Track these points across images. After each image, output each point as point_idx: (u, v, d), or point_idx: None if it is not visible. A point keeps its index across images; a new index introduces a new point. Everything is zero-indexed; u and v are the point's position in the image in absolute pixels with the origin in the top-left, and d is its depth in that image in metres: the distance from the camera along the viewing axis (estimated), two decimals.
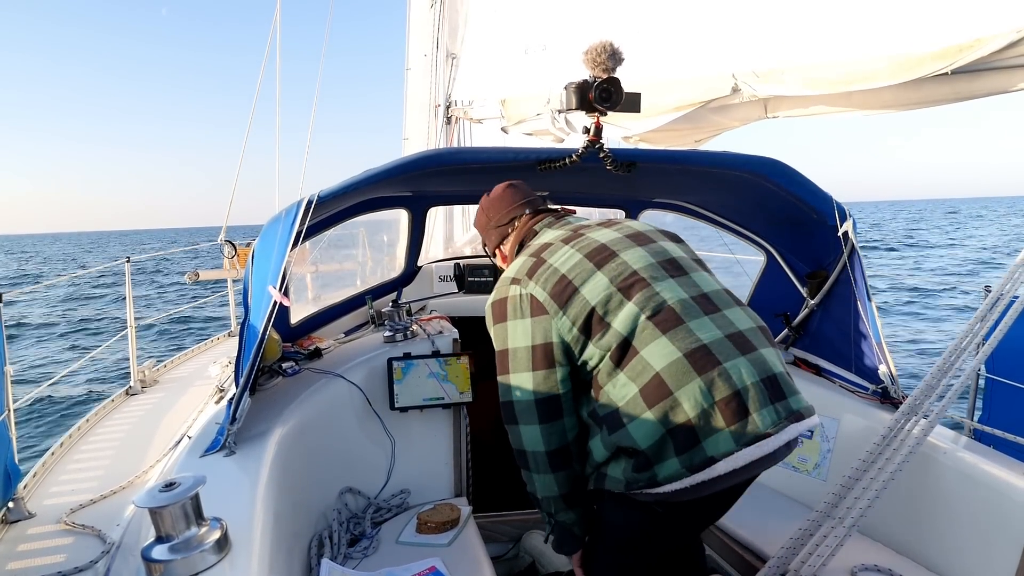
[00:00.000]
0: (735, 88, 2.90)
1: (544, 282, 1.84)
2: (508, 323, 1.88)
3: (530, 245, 2.02)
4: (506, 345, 1.88)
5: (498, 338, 1.91)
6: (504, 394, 1.89)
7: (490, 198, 2.20)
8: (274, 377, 2.63)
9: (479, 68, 5.51)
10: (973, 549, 2.10)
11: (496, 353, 1.91)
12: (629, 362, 1.70)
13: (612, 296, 1.76)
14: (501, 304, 1.90)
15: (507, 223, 2.14)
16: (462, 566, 2.27)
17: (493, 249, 2.23)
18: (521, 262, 1.94)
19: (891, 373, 2.55)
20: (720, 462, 1.58)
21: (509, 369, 1.87)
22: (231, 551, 1.42)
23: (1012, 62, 2.05)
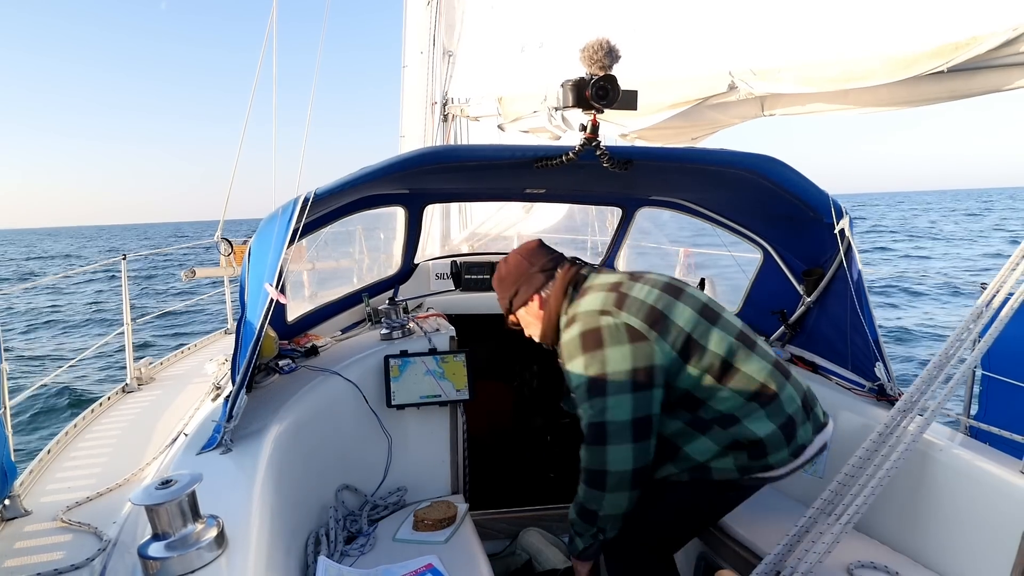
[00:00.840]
0: (731, 86, 2.90)
1: (636, 312, 2.05)
2: (606, 350, 2.01)
3: (591, 286, 2.21)
4: (603, 371, 1.99)
5: (590, 366, 2.01)
6: (595, 416, 1.99)
7: (527, 249, 2.38)
8: (271, 375, 2.63)
9: (476, 66, 5.51)
10: (969, 546, 2.11)
11: (585, 380, 2.02)
12: (732, 377, 2.03)
13: (699, 323, 2.07)
14: (594, 334, 2.04)
15: (552, 268, 2.31)
16: (459, 563, 2.27)
17: (531, 295, 2.32)
18: (600, 297, 2.12)
19: (887, 370, 2.55)
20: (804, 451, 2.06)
21: (606, 392, 1.98)
22: (228, 548, 1.42)
23: (1008, 60, 2.05)
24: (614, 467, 1.98)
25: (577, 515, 2.12)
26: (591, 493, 2.04)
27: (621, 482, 1.99)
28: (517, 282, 2.33)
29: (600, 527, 2.09)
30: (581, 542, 2.15)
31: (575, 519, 2.13)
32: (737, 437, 2.01)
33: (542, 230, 6.21)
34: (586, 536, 2.13)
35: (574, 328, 2.10)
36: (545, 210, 6.00)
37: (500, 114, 4.65)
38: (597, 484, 2.02)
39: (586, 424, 2.02)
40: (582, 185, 3.54)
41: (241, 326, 2.19)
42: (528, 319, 2.36)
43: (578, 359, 2.05)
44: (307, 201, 2.15)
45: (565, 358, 2.11)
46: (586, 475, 2.04)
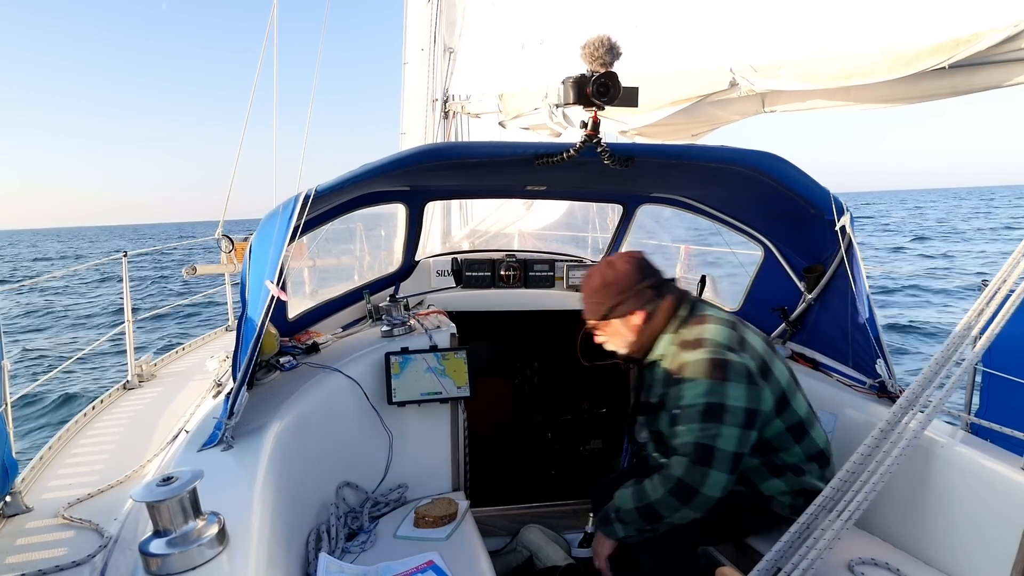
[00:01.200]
0: (732, 82, 2.89)
1: (753, 357, 2.19)
2: (729, 384, 2.11)
3: (709, 316, 2.29)
4: (723, 401, 2.10)
5: (712, 393, 2.10)
6: (706, 439, 2.08)
7: (637, 260, 2.38)
8: (272, 371, 2.63)
9: (476, 63, 5.50)
10: (970, 543, 2.11)
11: (703, 404, 2.10)
12: (803, 439, 2.28)
13: (790, 383, 2.28)
14: (722, 365, 2.13)
15: (660, 285, 2.35)
16: (460, 560, 2.27)
17: (635, 308, 2.32)
18: (725, 332, 2.22)
19: (888, 367, 2.55)
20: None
21: (722, 421, 2.08)
22: (229, 545, 1.42)
23: (1009, 56, 2.04)
24: (708, 491, 2.07)
25: (636, 509, 2.16)
26: (670, 501, 2.10)
27: (705, 504, 2.08)
28: (624, 292, 2.32)
29: (654, 528, 2.16)
30: (623, 530, 2.21)
31: (630, 511, 2.18)
32: (804, 486, 2.26)
33: (543, 227, 6.21)
34: (631, 528, 2.20)
35: (701, 352, 2.17)
36: (546, 207, 6.00)
37: (501, 111, 4.64)
38: (683, 498, 2.08)
39: (691, 442, 2.09)
40: (583, 182, 3.54)
41: (242, 323, 2.19)
42: (622, 331, 2.36)
43: (701, 382, 2.12)
44: (308, 198, 2.14)
45: (685, 375, 2.17)
46: (675, 485, 2.09)
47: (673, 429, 2.18)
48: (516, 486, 3.69)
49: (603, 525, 2.29)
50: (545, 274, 4.24)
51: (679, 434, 2.14)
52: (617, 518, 2.23)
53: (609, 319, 2.36)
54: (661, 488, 2.12)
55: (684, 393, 2.15)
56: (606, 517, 2.27)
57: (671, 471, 2.11)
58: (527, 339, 4.75)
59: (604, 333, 2.41)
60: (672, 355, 2.26)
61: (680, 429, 2.14)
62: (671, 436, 2.19)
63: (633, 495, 2.20)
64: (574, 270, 4.23)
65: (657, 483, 2.13)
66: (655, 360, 2.33)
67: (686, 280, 4.14)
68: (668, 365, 2.27)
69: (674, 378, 2.21)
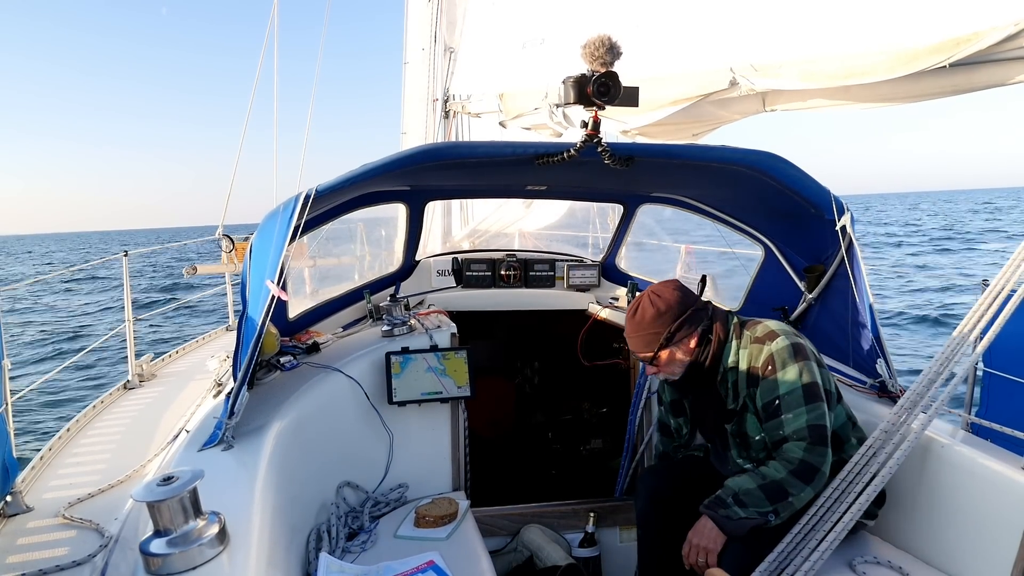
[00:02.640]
0: (733, 82, 2.89)
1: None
2: (811, 363, 2.22)
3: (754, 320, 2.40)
4: (813, 379, 2.19)
5: (804, 373, 2.19)
6: (818, 419, 2.15)
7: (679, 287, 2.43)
8: (272, 371, 2.63)
9: (477, 62, 5.50)
10: (971, 542, 2.10)
11: (801, 386, 2.18)
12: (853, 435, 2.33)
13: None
14: (800, 347, 2.24)
15: (705, 305, 2.42)
16: (460, 560, 2.27)
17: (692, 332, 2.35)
18: (782, 323, 2.36)
19: (889, 367, 2.55)
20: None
21: (820, 398, 2.18)
22: (229, 545, 1.42)
23: (1010, 55, 2.04)
24: (825, 468, 2.12)
25: (760, 487, 2.14)
26: (795, 483, 2.11)
27: (821, 482, 2.13)
28: (679, 317, 2.33)
29: (776, 510, 2.12)
30: (743, 512, 2.14)
31: (753, 491, 2.14)
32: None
33: (543, 227, 6.21)
34: (751, 510, 2.13)
35: (779, 341, 2.25)
36: (546, 207, 5.99)
37: (501, 111, 4.65)
38: (806, 477, 2.11)
39: (804, 426, 2.13)
40: (583, 182, 3.54)
41: (242, 323, 2.19)
42: (678, 356, 2.35)
43: (791, 367, 2.20)
44: (308, 198, 2.14)
45: (771, 367, 2.22)
46: (799, 466, 2.11)
47: (773, 422, 2.20)
48: (517, 486, 3.69)
49: (718, 508, 2.18)
50: (545, 274, 4.25)
51: (786, 422, 2.16)
52: (736, 501, 2.16)
53: (668, 348, 2.34)
54: (783, 470, 2.13)
55: (779, 382, 2.20)
56: (720, 502, 2.19)
57: (791, 454, 2.13)
58: (528, 339, 4.75)
59: (660, 362, 2.37)
60: (749, 354, 2.30)
61: (786, 417, 2.16)
62: (770, 431, 2.21)
63: (753, 477, 2.17)
64: (574, 270, 4.23)
65: (778, 465, 2.14)
66: (729, 368, 2.34)
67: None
68: (746, 365, 2.30)
69: (759, 374, 2.25)
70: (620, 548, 3.18)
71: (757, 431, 2.29)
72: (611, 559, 3.17)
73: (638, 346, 2.38)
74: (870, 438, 2.16)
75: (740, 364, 2.32)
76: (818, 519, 2.10)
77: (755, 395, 2.26)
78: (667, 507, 2.51)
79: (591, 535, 3.10)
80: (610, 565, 3.16)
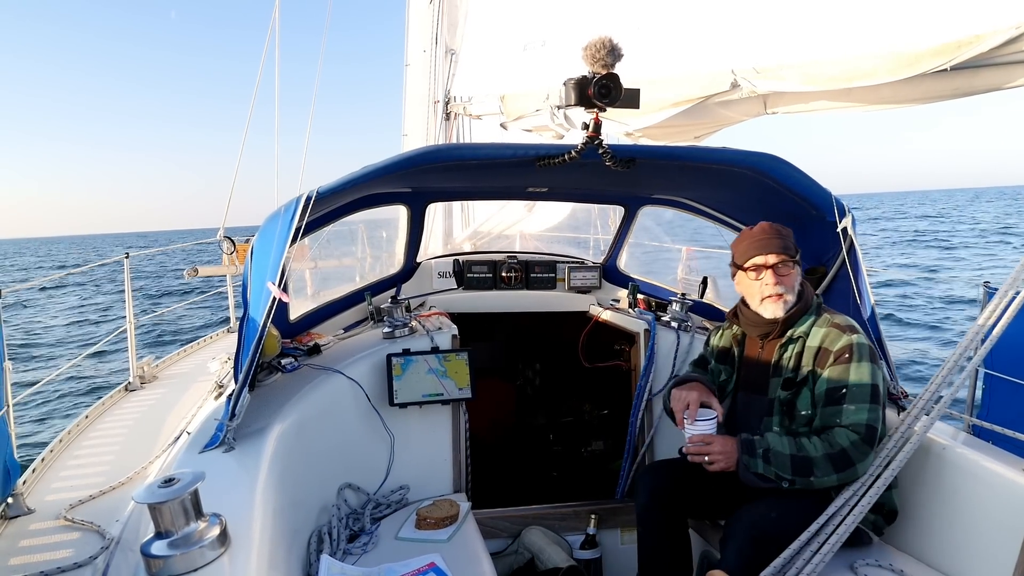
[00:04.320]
0: (734, 84, 2.89)
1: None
2: (881, 370, 2.27)
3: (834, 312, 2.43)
4: (879, 383, 2.22)
5: (875, 375, 2.22)
6: (874, 420, 2.16)
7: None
8: (273, 373, 2.63)
9: (478, 64, 5.50)
10: (972, 545, 2.10)
11: (870, 385, 2.19)
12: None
13: None
14: (871, 350, 2.28)
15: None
16: (461, 562, 2.27)
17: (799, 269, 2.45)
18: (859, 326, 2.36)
19: (890, 368, 2.55)
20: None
21: (880, 403, 2.19)
22: (230, 547, 1.42)
23: (1011, 58, 2.04)
24: (861, 468, 2.14)
25: (791, 456, 2.18)
26: (826, 465, 2.14)
27: (852, 477, 2.14)
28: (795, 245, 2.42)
29: (793, 481, 2.17)
30: (763, 468, 2.20)
31: (784, 456, 2.18)
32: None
33: (545, 229, 6.21)
34: (772, 470, 2.19)
35: (861, 336, 2.29)
36: (547, 209, 6.00)
37: (502, 112, 4.64)
38: (839, 466, 2.13)
39: (863, 423, 2.15)
40: (584, 184, 3.54)
41: (244, 325, 2.20)
42: (796, 281, 2.41)
43: (867, 364, 2.22)
44: (309, 200, 2.15)
45: (853, 357, 2.23)
46: (838, 453, 2.13)
47: (833, 408, 2.21)
48: (518, 488, 3.69)
49: (746, 453, 2.23)
50: (546, 275, 4.25)
51: (846, 412, 2.18)
52: (764, 456, 2.21)
53: (795, 259, 2.40)
54: (822, 449, 2.15)
55: (853, 373, 2.21)
56: (751, 448, 2.23)
57: (836, 439, 2.15)
58: (529, 340, 4.75)
59: (789, 274, 2.38)
60: (825, 334, 2.31)
61: (848, 408, 2.18)
62: (826, 416, 2.23)
63: (791, 443, 2.21)
64: (575, 271, 4.23)
65: (818, 444, 2.17)
66: (797, 337, 2.37)
67: (687, 281, 4.14)
68: (819, 343, 2.31)
69: (831, 357, 2.26)
70: (621, 550, 3.18)
71: (807, 406, 2.31)
72: (612, 561, 3.17)
73: (778, 246, 2.37)
74: (880, 443, 2.15)
75: (812, 339, 2.34)
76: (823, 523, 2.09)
77: (819, 375, 2.28)
78: (668, 504, 2.51)
79: (592, 537, 3.10)
80: (611, 567, 3.16)
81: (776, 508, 2.20)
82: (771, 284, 2.36)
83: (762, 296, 2.39)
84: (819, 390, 2.27)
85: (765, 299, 2.39)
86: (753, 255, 2.40)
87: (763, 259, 2.37)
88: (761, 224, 2.44)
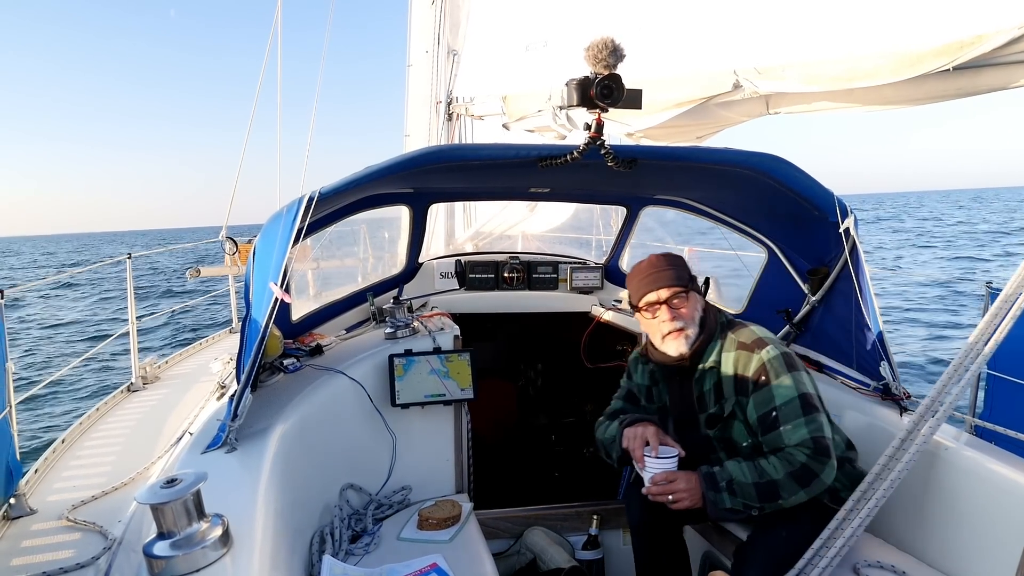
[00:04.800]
0: (736, 84, 2.89)
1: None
2: (802, 373, 2.21)
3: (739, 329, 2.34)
4: (808, 390, 2.18)
5: (799, 384, 2.18)
6: (818, 431, 2.13)
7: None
8: (275, 374, 2.63)
9: (480, 65, 5.50)
10: (976, 545, 2.10)
11: (798, 397, 2.15)
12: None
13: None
14: (789, 357, 2.23)
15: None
16: (463, 562, 2.27)
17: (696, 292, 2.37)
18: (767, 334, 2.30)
19: (892, 370, 2.55)
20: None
21: (818, 409, 2.17)
22: (232, 547, 1.42)
23: (1014, 58, 2.04)
24: (825, 478, 2.09)
25: (755, 485, 2.10)
26: (791, 484, 2.08)
27: (819, 489, 2.10)
28: (688, 271, 2.36)
29: (762, 508, 2.11)
30: (730, 502, 2.12)
31: (747, 485, 2.11)
32: (854, 477, 2.21)
33: (547, 229, 6.21)
34: (738, 501, 2.11)
35: (770, 350, 2.21)
36: (549, 209, 6.00)
37: (505, 113, 4.64)
38: (803, 481, 2.08)
39: (808, 437, 2.10)
40: (587, 184, 3.54)
41: (246, 325, 2.20)
42: (695, 310, 2.32)
43: (786, 377, 2.17)
44: (311, 200, 2.15)
45: (770, 376, 2.17)
46: (799, 469, 2.08)
47: (772, 435, 2.16)
48: (520, 488, 3.69)
49: (710, 489, 2.13)
50: (549, 276, 4.25)
51: (785, 434, 2.13)
52: (728, 488, 2.12)
53: (692, 290, 2.32)
54: (783, 469, 2.09)
55: (775, 393, 2.16)
56: (714, 482, 2.14)
57: (794, 457, 2.10)
58: (531, 341, 4.76)
59: (685, 306, 2.29)
60: (735, 359, 2.24)
61: (785, 429, 2.13)
62: (769, 443, 2.17)
63: (751, 470, 2.12)
64: (577, 272, 4.23)
65: (778, 464, 2.10)
66: (708, 368, 2.30)
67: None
68: (732, 371, 2.25)
69: (749, 383, 2.20)
70: (623, 550, 3.17)
71: (744, 437, 2.26)
72: (614, 561, 3.17)
73: (667, 279, 2.28)
74: (889, 448, 2.13)
75: (724, 367, 2.27)
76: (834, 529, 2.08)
77: (746, 404, 2.22)
78: (661, 517, 2.42)
79: (594, 537, 3.09)
80: (613, 567, 3.16)
81: (783, 526, 2.17)
82: (668, 321, 2.27)
83: (662, 334, 2.30)
84: (751, 419, 2.22)
85: (666, 336, 2.30)
86: (644, 292, 2.31)
87: (655, 295, 2.29)
88: (649, 257, 2.36)
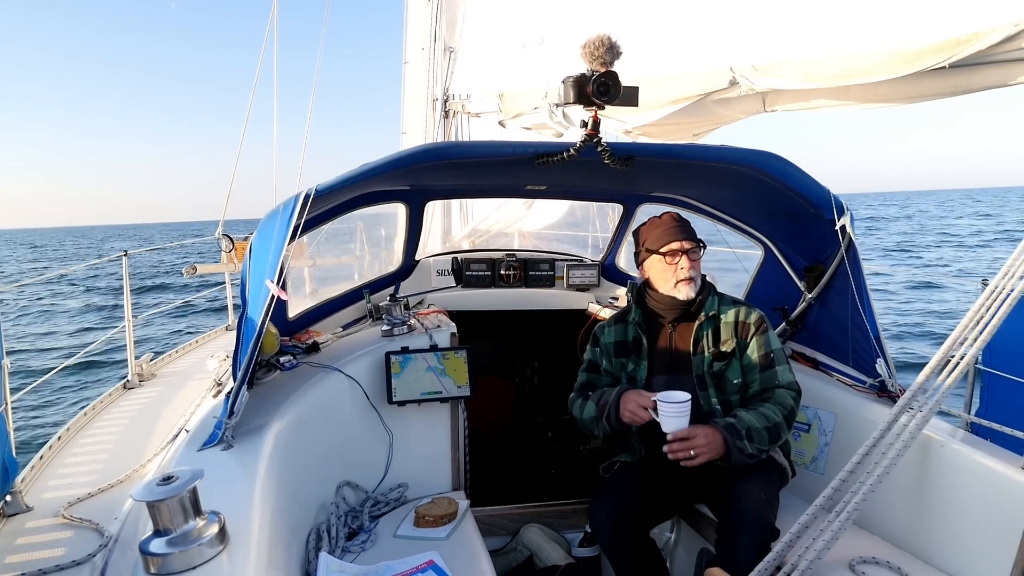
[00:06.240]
0: (733, 81, 2.89)
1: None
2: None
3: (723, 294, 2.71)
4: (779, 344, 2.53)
5: (774, 339, 2.53)
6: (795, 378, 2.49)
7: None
8: (272, 371, 2.63)
9: (477, 62, 5.50)
10: (971, 542, 2.11)
11: (781, 348, 2.53)
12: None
13: None
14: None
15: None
16: (460, 560, 2.27)
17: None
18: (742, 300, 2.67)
19: (888, 367, 2.55)
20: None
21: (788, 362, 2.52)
22: (229, 544, 1.42)
23: (1010, 56, 2.04)
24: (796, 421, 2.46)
25: (765, 429, 2.31)
26: (785, 428, 2.37)
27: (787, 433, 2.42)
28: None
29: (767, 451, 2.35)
30: (750, 448, 2.29)
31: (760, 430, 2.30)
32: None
33: (544, 227, 6.21)
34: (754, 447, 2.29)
35: (757, 312, 2.57)
36: (546, 206, 6.00)
37: (501, 110, 4.64)
38: (789, 424, 2.38)
39: (793, 380, 2.47)
40: (583, 181, 3.54)
41: (242, 322, 2.19)
42: (699, 268, 2.60)
43: (774, 333, 2.55)
44: (308, 197, 2.14)
45: (767, 327, 2.53)
46: (789, 412, 2.38)
47: (769, 372, 2.46)
48: (516, 486, 3.69)
49: (734, 437, 2.28)
50: (545, 273, 4.25)
51: (780, 373, 2.45)
52: (747, 435, 2.28)
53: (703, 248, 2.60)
54: (780, 413, 2.34)
55: (768, 339, 2.50)
56: (736, 432, 2.29)
57: (784, 401, 2.39)
58: (527, 338, 4.76)
59: (698, 259, 2.57)
60: (737, 312, 2.55)
61: (780, 369, 2.46)
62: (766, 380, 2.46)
63: (758, 417, 2.33)
64: (574, 269, 4.23)
65: (776, 409, 2.35)
66: (710, 316, 2.56)
67: None
68: (734, 319, 2.54)
69: (751, 327, 2.52)
70: None
71: (737, 375, 2.50)
72: None
73: (690, 233, 2.56)
74: (869, 438, 2.15)
75: (726, 316, 2.55)
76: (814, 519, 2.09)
77: (747, 345, 2.51)
78: (631, 531, 2.45)
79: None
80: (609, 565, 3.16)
81: (760, 488, 2.30)
82: (686, 268, 2.52)
83: (677, 279, 2.53)
84: (749, 358, 2.49)
85: (680, 282, 2.52)
86: (669, 241, 2.54)
87: (679, 244, 2.53)
88: (669, 212, 2.63)
